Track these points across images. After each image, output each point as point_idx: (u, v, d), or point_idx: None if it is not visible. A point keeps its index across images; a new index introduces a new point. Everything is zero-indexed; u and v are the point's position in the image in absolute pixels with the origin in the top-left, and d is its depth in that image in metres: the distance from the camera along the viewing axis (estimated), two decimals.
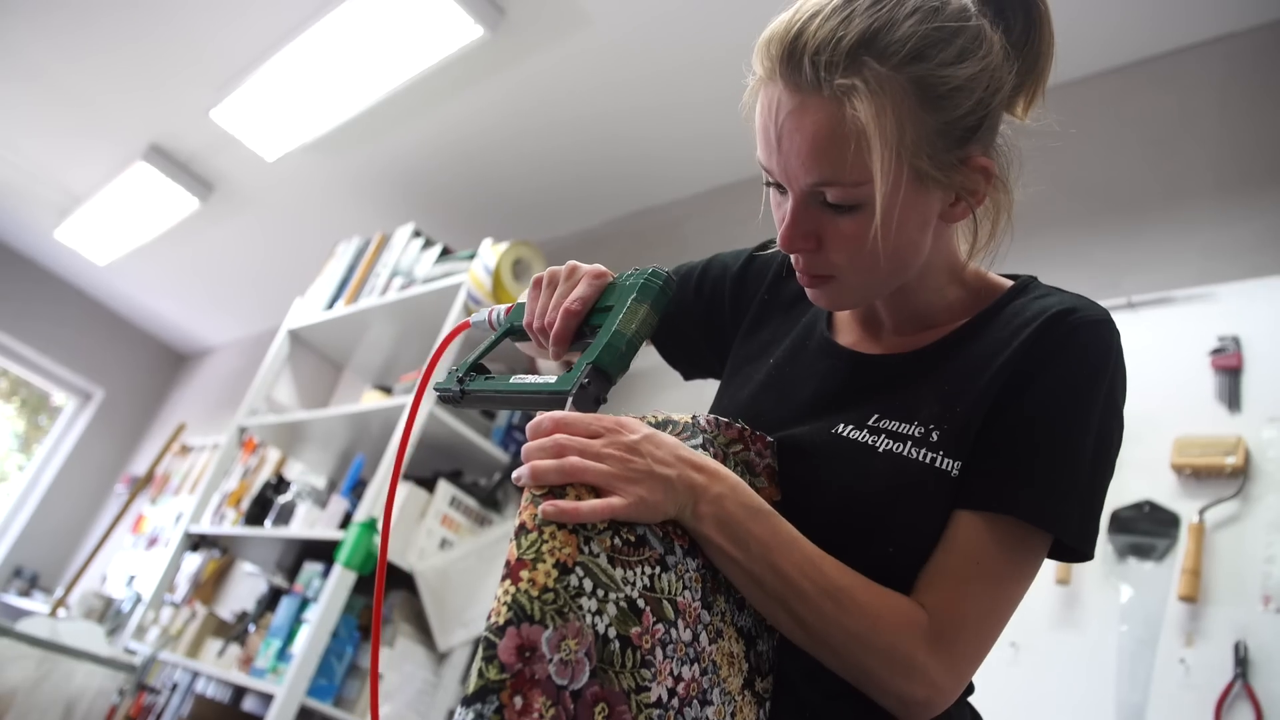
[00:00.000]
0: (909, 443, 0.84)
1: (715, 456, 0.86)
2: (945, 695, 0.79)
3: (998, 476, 0.81)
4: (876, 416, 0.87)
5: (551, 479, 0.75)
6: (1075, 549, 0.82)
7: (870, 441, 0.86)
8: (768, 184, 0.87)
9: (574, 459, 0.75)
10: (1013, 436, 0.82)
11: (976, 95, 0.81)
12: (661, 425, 0.87)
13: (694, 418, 0.89)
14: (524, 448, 0.78)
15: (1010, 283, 0.96)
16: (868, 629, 0.77)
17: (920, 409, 0.86)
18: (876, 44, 0.76)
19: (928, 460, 0.83)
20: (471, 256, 3.00)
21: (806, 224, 0.84)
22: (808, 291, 0.91)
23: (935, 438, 0.83)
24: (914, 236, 0.85)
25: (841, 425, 0.88)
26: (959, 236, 0.94)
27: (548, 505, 0.73)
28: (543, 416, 0.79)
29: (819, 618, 0.77)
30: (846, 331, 1.01)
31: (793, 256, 0.88)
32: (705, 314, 1.16)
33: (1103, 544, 1.86)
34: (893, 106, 0.76)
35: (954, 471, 0.82)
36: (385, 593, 2.76)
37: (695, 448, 0.85)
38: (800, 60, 0.77)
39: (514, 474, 0.77)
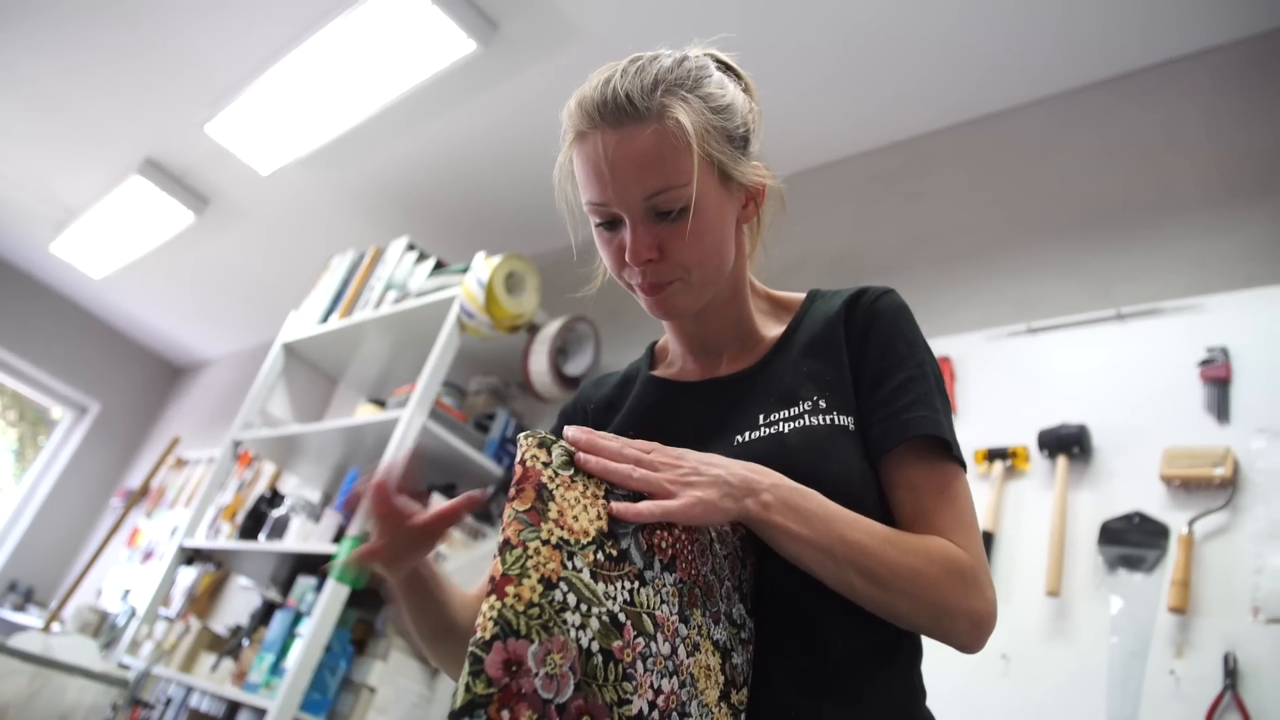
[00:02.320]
0: (805, 416, 0.97)
1: None
2: (994, 607, 0.89)
3: (890, 417, 0.96)
4: (763, 416, 0.99)
5: (634, 485, 0.83)
6: (951, 453, 0.96)
7: (773, 431, 0.97)
8: (597, 225, 1.01)
9: (644, 471, 0.83)
10: (881, 385, 0.98)
11: (741, 112, 1.01)
12: None
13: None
14: (592, 439, 0.85)
15: (803, 295, 1.14)
16: (928, 561, 0.87)
17: (796, 393, 1.00)
18: (670, 79, 0.96)
19: (828, 421, 0.96)
20: (465, 270, 3.00)
21: (647, 238, 0.97)
22: (649, 303, 1.03)
23: (824, 404, 0.98)
24: (728, 230, 1.02)
25: (738, 437, 0.99)
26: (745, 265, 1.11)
27: (621, 505, 0.80)
28: (576, 433, 0.86)
29: (889, 565, 0.85)
30: (687, 373, 1.13)
31: (637, 273, 1.00)
32: None
33: (1092, 555, 1.86)
34: (698, 117, 0.95)
35: (850, 426, 0.96)
36: (379, 606, 2.76)
37: None
38: (614, 102, 0.94)
39: (568, 435, 0.85)
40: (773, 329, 1.10)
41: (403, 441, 2.69)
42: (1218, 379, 1.87)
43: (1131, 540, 1.83)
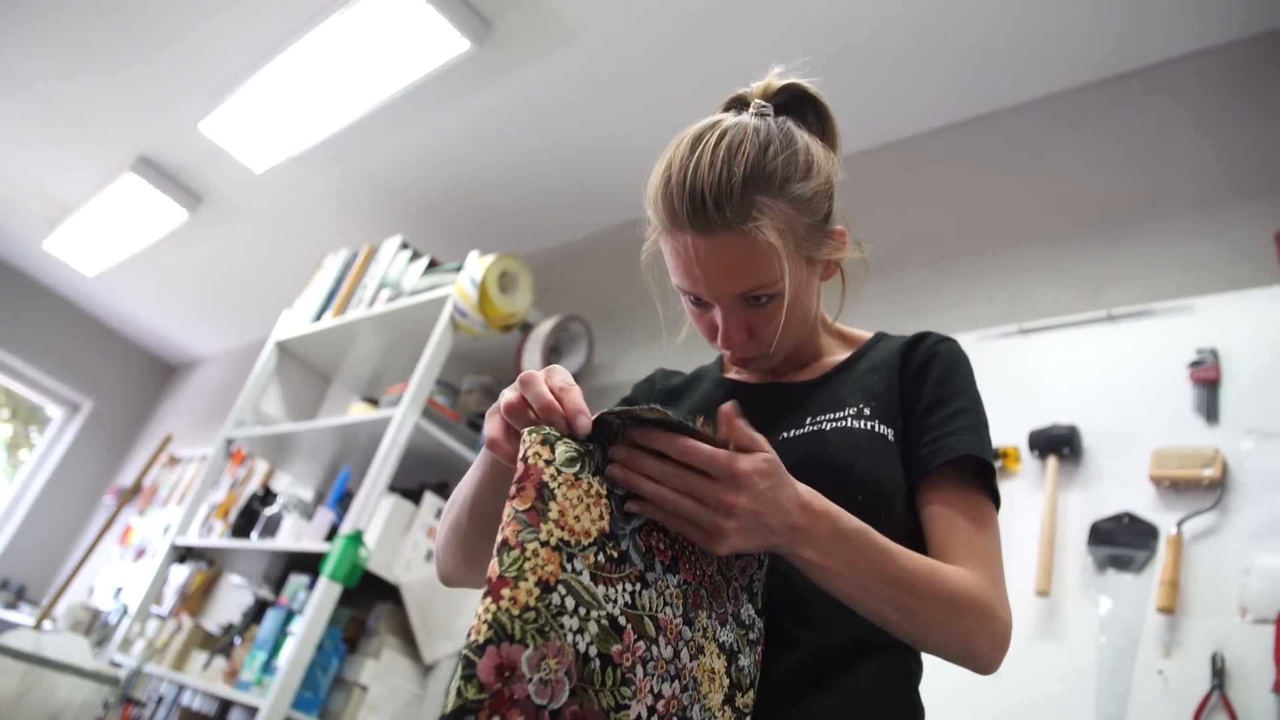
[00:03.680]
0: (849, 419, 1.02)
1: None
2: (1010, 627, 0.93)
3: (939, 439, 1.00)
4: (811, 418, 1.04)
5: (645, 495, 0.78)
6: (989, 485, 1.00)
7: (816, 429, 1.02)
8: (684, 293, 1.05)
9: (691, 505, 0.77)
10: (934, 412, 1.03)
11: (825, 190, 1.02)
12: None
13: (691, 418, 0.90)
14: (636, 456, 0.79)
15: (870, 334, 1.20)
16: (959, 592, 0.89)
17: (846, 402, 1.05)
18: (758, 180, 0.96)
19: (868, 427, 1.01)
20: (458, 269, 3.00)
21: (738, 323, 1.03)
22: (735, 363, 1.12)
23: (868, 412, 1.03)
24: (811, 300, 1.08)
25: (784, 433, 1.04)
26: (823, 304, 1.18)
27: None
28: (690, 448, 0.77)
29: (923, 601, 0.87)
30: (752, 379, 1.19)
31: (727, 350, 1.06)
32: None
33: (1082, 555, 1.87)
34: (786, 223, 0.97)
35: (890, 436, 1.01)
36: (371, 604, 2.76)
37: None
38: (704, 208, 0.95)
39: (608, 471, 0.79)
40: (838, 356, 1.16)
41: (395, 440, 2.69)
42: (1207, 380, 1.88)
43: (1121, 541, 1.83)
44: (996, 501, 1.02)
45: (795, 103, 1.09)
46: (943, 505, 0.98)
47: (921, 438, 1.01)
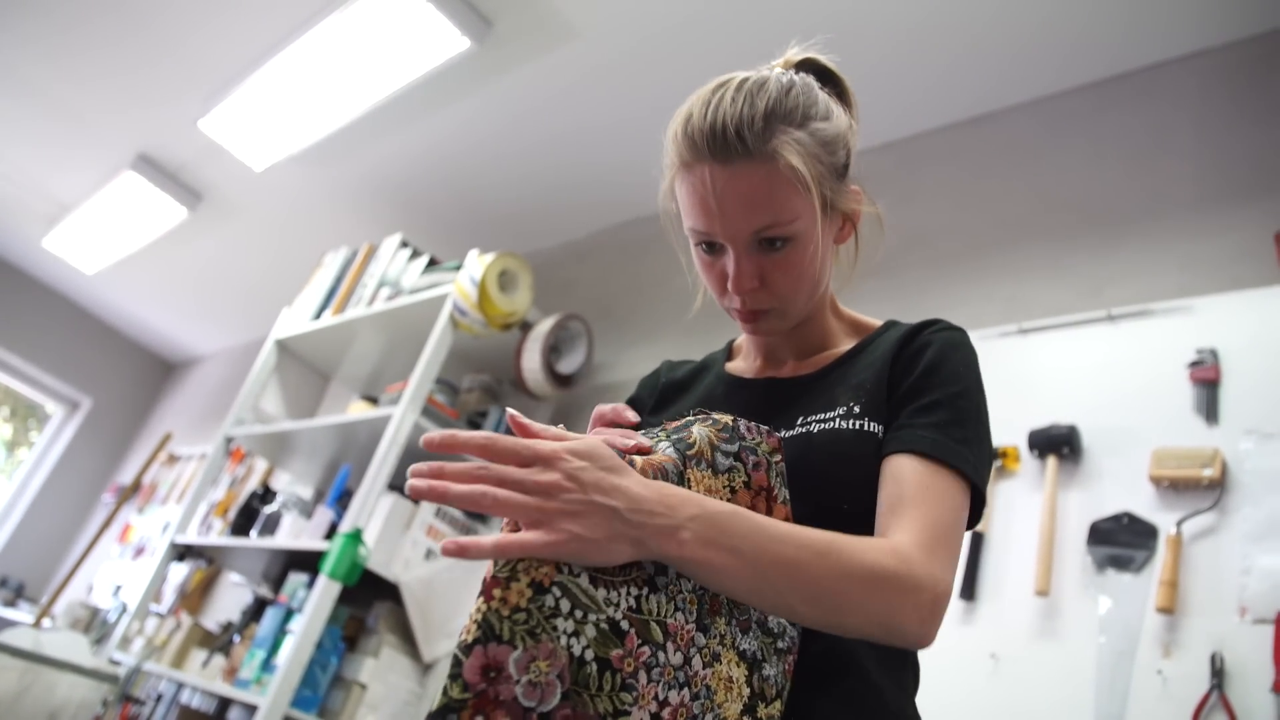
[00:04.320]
0: (837, 420, 0.98)
1: (759, 465, 0.89)
2: (943, 587, 0.84)
3: (904, 428, 0.95)
4: (802, 418, 1.01)
5: (456, 502, 0.71)
6: (974, 484, 0.93)
7: (805, 431, 0.99)
8: (698, 247, 1.04)
9: (507, 492, 0.72)
10: (911, 400, 0.98)
11: (844, 138, 1.03)
12: (701, 422, 0.88)
13: (735, 420, 0.90)
14: (438, 466, 0.74)
15: (880, 322, 1.15)
16: (870, 565, 0.79)
17: (838, 400, 1.01)
18: (780, 112, 0.97)
19: (856, 427, 0.97)
20: (458, 267, 3.00)
21: (750, 268, 1.00)
22: (746, 327, 1.08)
23: (857, 410, 0.98)
24: (825, 258, 1.05)
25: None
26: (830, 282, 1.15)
27: (448, 542, 0.70)
28: (470, 435, 0.73)
29: (831, 581, 0.77)
30: (751, 370, 1.17)
31: (737, 299, 1.03)
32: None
33: (1081, 555, 1.87)
34: (808, 154, 0.96)
35: (879, 434, 0.97)
36: (371, 603, 2.76)
37: (731, 453, 0.87)
38: (724, 137, 0.95)
39: (409, 485, 0.72)
40: (843, 346, 1.12)
41: (395, 438, 2.69)
42: (1207, 380, 1.88)
43: (1120, 540, 1.83)
44: (977, 496, 0.94)
45: (814, 76, 1.10)
46: (892, 477, 0.91)
47: (891, 425, 0.96)
